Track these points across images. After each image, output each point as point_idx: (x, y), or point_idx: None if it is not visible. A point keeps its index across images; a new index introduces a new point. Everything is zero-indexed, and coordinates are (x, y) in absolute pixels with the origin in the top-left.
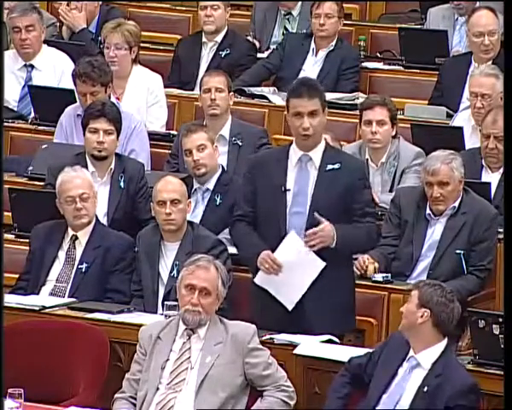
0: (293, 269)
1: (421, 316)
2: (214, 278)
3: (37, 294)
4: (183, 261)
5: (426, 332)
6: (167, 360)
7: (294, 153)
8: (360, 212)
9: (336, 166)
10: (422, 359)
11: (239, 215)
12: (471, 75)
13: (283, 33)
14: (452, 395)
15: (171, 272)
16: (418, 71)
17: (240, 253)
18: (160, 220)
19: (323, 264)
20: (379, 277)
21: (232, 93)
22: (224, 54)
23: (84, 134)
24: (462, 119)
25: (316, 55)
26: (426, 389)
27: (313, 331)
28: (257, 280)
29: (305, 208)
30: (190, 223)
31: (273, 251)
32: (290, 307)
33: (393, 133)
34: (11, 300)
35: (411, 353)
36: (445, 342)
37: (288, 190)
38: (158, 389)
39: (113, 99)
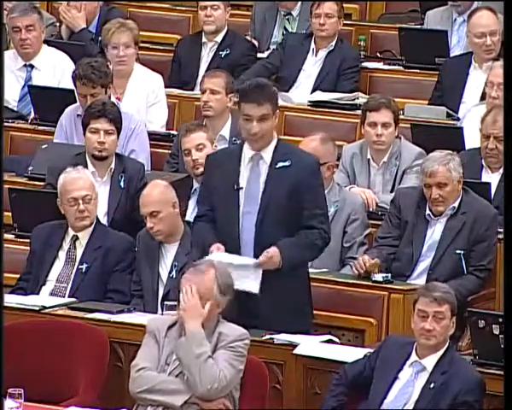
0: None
1: (453, 326)
2: (208, 283)
3: (38, 294)
4: (182, 262)
5: (448, 338)
6: None
7: (247, 151)
8: (308, 214)
9: (287, 163)
10: (428, 363)
11: (197, 216)
12: (492, 66)
13: (283, 33)
14: (460, 391)
15: (170, 273)
16: (418, 71)
17: (201, 253)
18: (149, 231)
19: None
20: (379, 277)
21: (232, 94)
22: (223, 54)
23: (84, 134)
24: (475, 113)
25: (316, 55)
26: (432, 385)
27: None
28: None
29: (256, 207)
30: (188, 222)
31: (227, 250)
32: (257, 290)
33: (396, 134)
34: (11, 300)
35: (415, 358)
36: (448, 342)
37: (241, 188)
38: None
39: (113, 99)
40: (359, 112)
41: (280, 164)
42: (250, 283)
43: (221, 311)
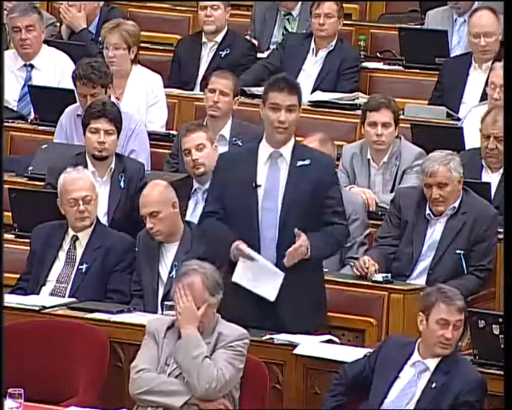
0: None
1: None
2: (197, 291)
3: (38, 294)
4: (182, 261)
5: None
6: None
7: (265, 149)
8: (330, 211)
9: (306, 162)
10: (430, 363)
11: (208, 212)
12: (494, 67)
13: (283, 33)
14: (461, 391)
15: (170, 273)
16: (418, 71)
17: (211, 248)
18: (149, 231)
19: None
20: (379, 277)
21: (238, 97)
22: (223, 54)
23: (84, 134)
24: (475, 113)
25: (316, 55)
26: (434, 385)
27: (286, 328)
28: (235, 278)
29: (277, 204)
30: (188, 223)
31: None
32: (273, 298)
33: (396, 134)
34: (11, 300)
35: (417, 357)
36: None
37: (259, 186)
38: None
39: (113, 99)
40: (359, 112)
41: (300, 162)
42: (267, 289)
43: (216, 308)
